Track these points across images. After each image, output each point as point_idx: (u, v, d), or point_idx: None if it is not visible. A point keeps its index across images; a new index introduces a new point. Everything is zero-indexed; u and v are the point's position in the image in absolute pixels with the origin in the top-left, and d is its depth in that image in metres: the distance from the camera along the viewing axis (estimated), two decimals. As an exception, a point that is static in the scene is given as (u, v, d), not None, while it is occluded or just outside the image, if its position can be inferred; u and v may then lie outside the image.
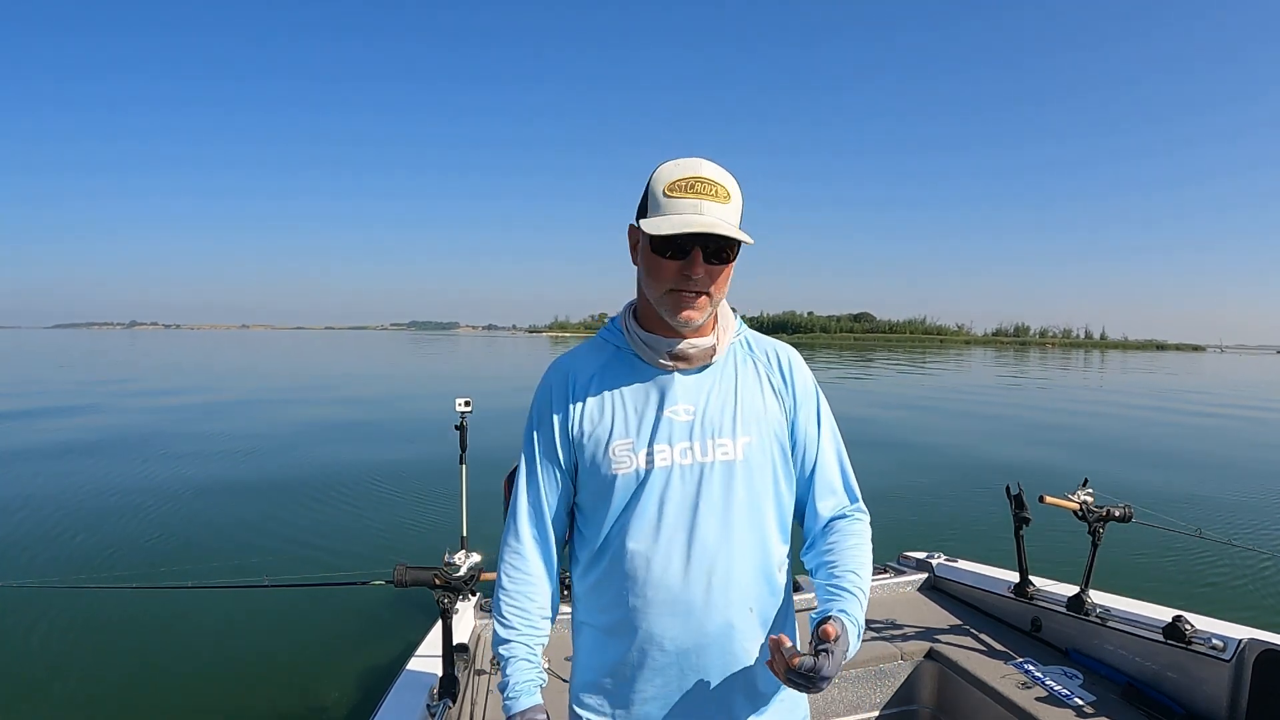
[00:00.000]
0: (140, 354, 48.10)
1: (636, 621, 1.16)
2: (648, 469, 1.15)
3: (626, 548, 1.16)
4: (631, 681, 1.19)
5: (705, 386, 1.19)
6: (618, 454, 1.16)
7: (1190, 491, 8.14)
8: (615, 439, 1.17)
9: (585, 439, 1.19)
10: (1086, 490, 2.45)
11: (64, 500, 7.41)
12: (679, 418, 1.16)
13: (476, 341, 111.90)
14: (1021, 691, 2.13)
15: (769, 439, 1.20)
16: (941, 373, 32.20)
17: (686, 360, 1.18)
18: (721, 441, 1.16)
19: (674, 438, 1.16)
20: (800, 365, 1.27)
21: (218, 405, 16.83)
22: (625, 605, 1.17)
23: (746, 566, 1.17)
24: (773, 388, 1.23)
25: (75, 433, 11.98)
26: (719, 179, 1.10)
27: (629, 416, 1.17)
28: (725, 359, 1.22)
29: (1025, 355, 71.46)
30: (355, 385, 23.77)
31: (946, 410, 16.91)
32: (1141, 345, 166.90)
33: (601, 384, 1.21)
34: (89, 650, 4.10)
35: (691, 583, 1.14)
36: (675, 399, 1.17)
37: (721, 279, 1.13)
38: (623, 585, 1.17)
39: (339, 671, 3.86)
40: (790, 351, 1.28)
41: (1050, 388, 24.99)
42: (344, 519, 6.91)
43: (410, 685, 2.10)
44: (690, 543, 1.14)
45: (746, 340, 1.28)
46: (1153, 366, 49.63)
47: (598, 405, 1.19)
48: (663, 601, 1.15)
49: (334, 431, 12.50)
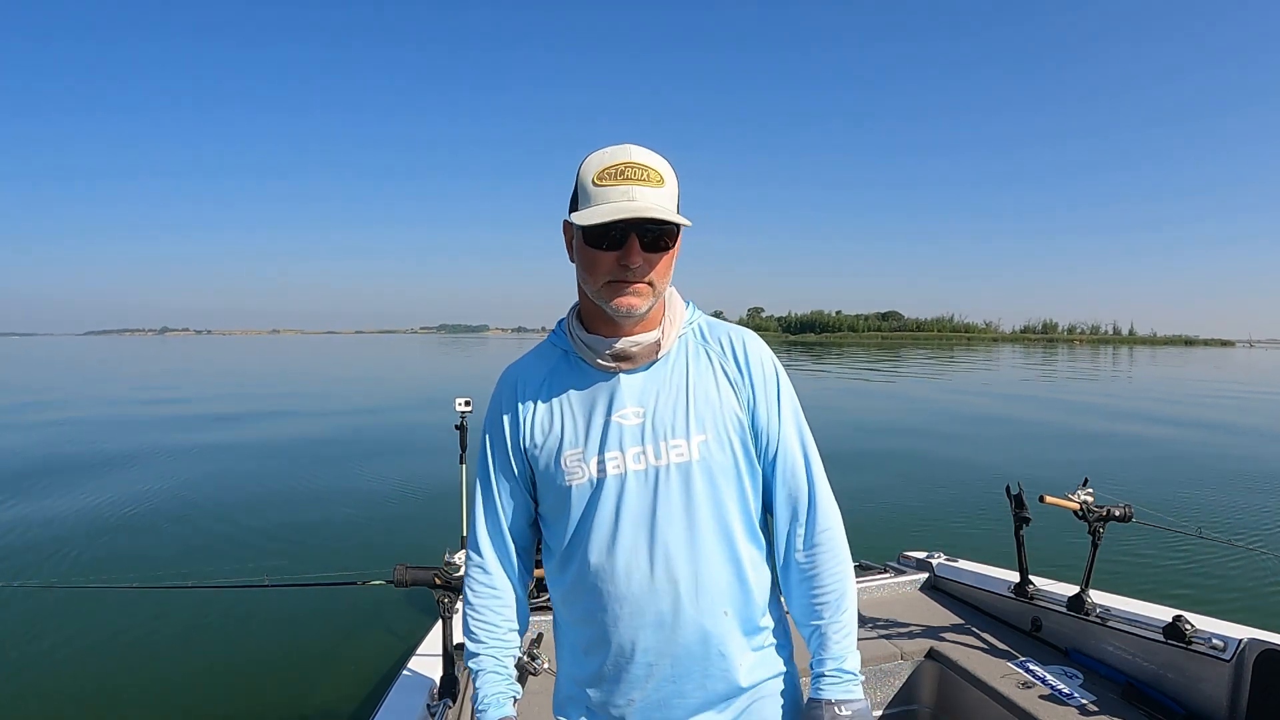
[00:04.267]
0: (160, 360, 48.08)
1: (608, 635, 1.13)
2: (600, 478, 1.11)
3: (589, 560, 1.12)
4: (610, 694, 1.16)
5: (654, 386, 1.13)
6: (569, 464, 1.12)
7: (1190, 491, 8.14)
8: (566, 449, 1.13)
9: (538, 450, 1.15)
10: (1086, 490, 2.44)
11: (64, 501, 7.42)
12: (628, 421, 1.11)
13: (506, 343, 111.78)
14: (1022, 691, 2.13)
15: (726, 434, 1.13)
16: (959, 374, 32.15)
17: (630, 359, 1.12)
18: (675, 443, 1.10)
19: (625, 443, 1.11)
20: (756, 349, 1.19)
21: (218, 405, 16.83)
22: (595, 619, 1.14)
23: (717, 569, 1.12)
24: (728, 378, 1.16)
25: (75, 433, 11.97)
26: (650, 163, 1.05)
27: (577, 424, 1.13)
28: (674, 353, 1.16)
29: (1053, 352, 70.74)
30: (366, 387, 23.76)
31: (946, 411, 16.90)
32: (1170, 341, 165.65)
33: (550, 391, 1.16)
34: (89, 650, 4.10)
35: (658, 592, 1.10)
36: (623, 402, 1.12)
37: (662, 266, 1.08)
38: (590, 598, 1.13)
39: (339, 671, 3.86)
40: (745, 335, 1.20)
41: (1067, 388, 24.99)
42: (344, 519, 6.91)
43: (410, 685, 2.10)
44: (652, 551, 1.10)
45: (699, 329, 1.20)
46: (1181, 363, 49.09)
47: (546, 414, 1.15)
48: (630, 614, 1.11)
49: (334, 431, 12.49)
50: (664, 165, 1.06)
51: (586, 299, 1.13)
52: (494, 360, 43.51)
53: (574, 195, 1.08)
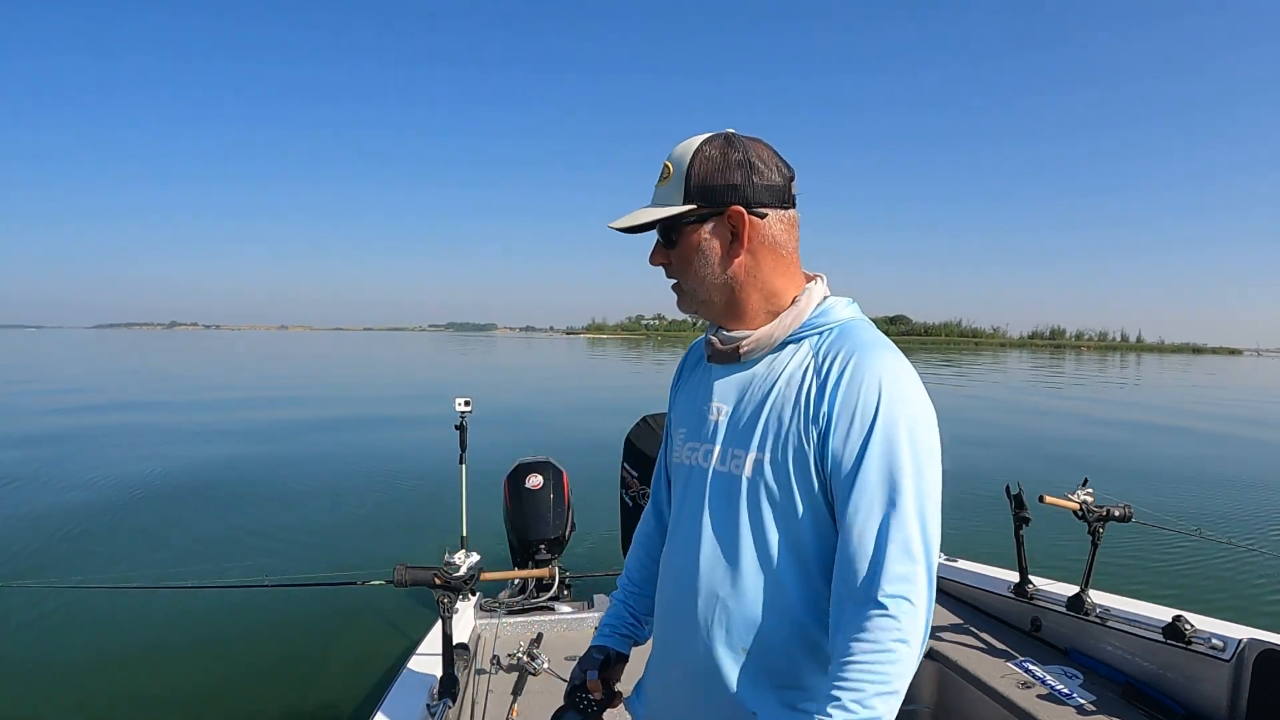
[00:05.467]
0: (164, 355, 48.07)
1: (659, 629, 1.17)
2: (691, 464, 1.11)
3: (668, 539, 1.17)
4: (653, 684, 1.18)
5: (743, 386, 1.06)
6: (677, 443, 1.16)
7: (1191, 491, 8.14)
8: (675, 427, 1.18)
9: (671, 422, 1.22)
10: (1086, 490, 2.45)
11: (64, 501, 7.41)
12: (714, 416, 1.09)
13: (514, 342, 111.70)
14: (1021, 691, 2.13)
15: (787, 461, 0.98)
16: (967, 379, 32.13)
17: (717, 356, 1.10)
18: (737, 452, 1.03)
19: (711, 437, 1.08)
20: (859, 375, 0.96)
21: (218, 406, 16.82)
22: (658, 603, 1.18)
23: (746, 601, 1.01)
24: (809, 398, 0.98)
25: (75, 434, 11.97)
26: (671, 157, 1.05)
27: (688, 407, 1.16)
28: (779, 357, 1.04)
29: (1060, 358, 70.78)
30: (368, 386, 23.76)
31: (947, 411, 16.90)
32: (1178, 348, 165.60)
33: (692, 372, 1.20)
34: (89, 650, 4.10)
35: (686, 599, 1.06)
36: (713, 395, 1.10)
37: (683, 262, 1.05)
38: (659, 578, 1.18)
39: (339, 671, 3.86)
40: (861, 355, 0.98)
41: (1071, 393, 24.98)
42: (344, 519, 6.91)
43: (410, 685, 2.10)
44: (697, 552, 1.05)
45: (829, 334, 1.03)
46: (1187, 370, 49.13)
47: (684, 392, 1.20)
48: (666, 614, 1.13)
49: (334, 432, 12.49)
50: (682, 154, 1.04)
51: None
52: (498, 360, 43.47)
53: None
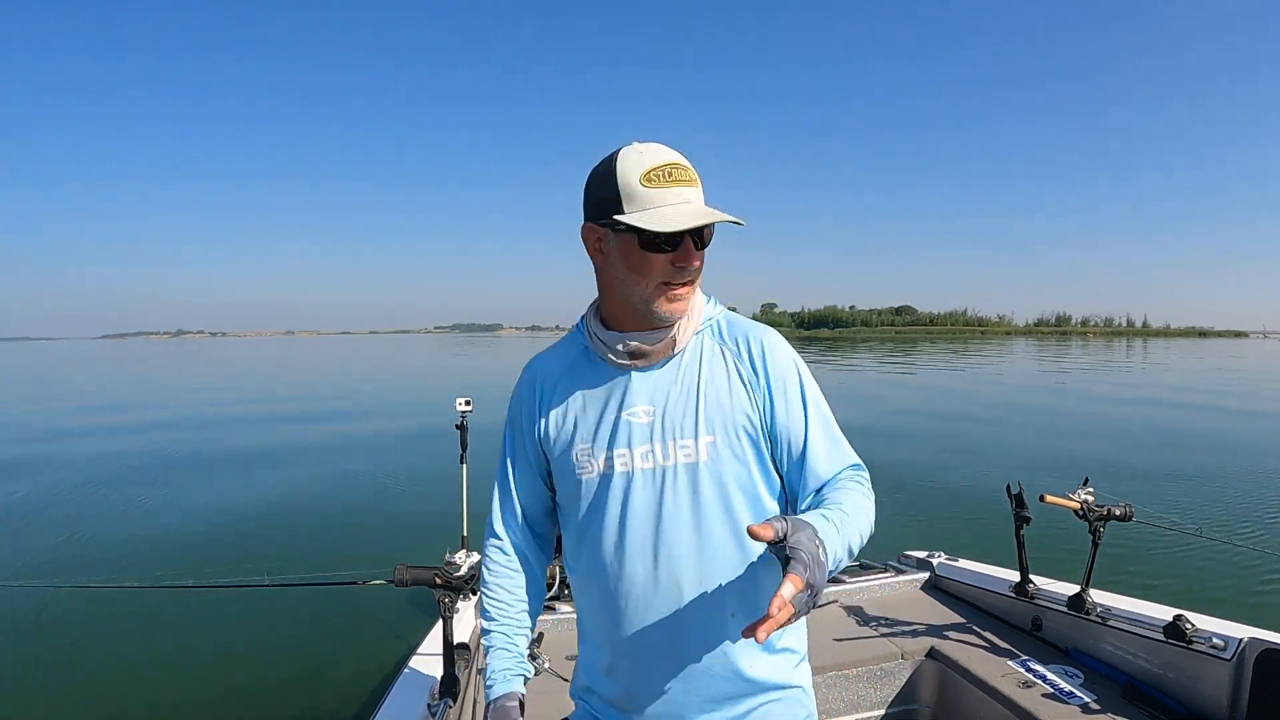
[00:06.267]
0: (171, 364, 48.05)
1: (617, 629, 1.13)
2: (607, 474, 1.11)
3: (597, 555, 1.13)
4: (619, 687, 1.16)
5: (665, 384, 1.12)
6: (580, 459, 1.13)
7: (1191, 491, 8.14)
8: (577, 443, 1.14)
9: (552, 442, 1.17)
10: (1087, 489, 2.44)
11: (64, 501, 7.42)
12: (638, 419, 1.11)
13: (519, 342, 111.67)
14: (1022, 691, 2.13)
15: (736, 437, 1.10)
16: (971, 369, 32.14)
17: (644, 357, 1.11)
18: (684, 443, 1.09)
19: (634, 440, 1.10)
20: (775, 349, 1.15)
21: (220, 406, 16.83)
22: (604, 612, 1.15)
23: (724, 572, 1.09)
24: (742, 379, 1.12)
25: (74, 434, 11.97)
26: (688, 163, 1.05)
27: (589, 420, 1.14)
28: (690, 351, 1.14)
29: (1066, 345, 70.55)
30: (370, 386, 23.77)
31: (947, 412, 16.91)
32: (1183, 333, 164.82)
33: (567, 386, 1.17)
34: (89, 650, 4.11)
35: (661, 592, 1.09)
36: (634, 399, 1.12)
37: (701, 265, 1.10)
38: (599, 592, 1.14)
39: (339, 671, 3.87)
40: (765, 334, 1.16)
41: (1074, 390, 24.99)
42: (344, 519, 6.92)
43: (410, 685, 2.10)
44: (656, 551, 1.09)
45: (718, 327, 1.17)
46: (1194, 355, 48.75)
47: (562, 409, 1.16)
48: (635, 610, 1.11)
49: (335, 431, 12.49)
50: (688, 162, 1.07)
51: (616, 299, 1.12)
52: (504, 359, 43.52)
53: (611, 197, 1.04)
